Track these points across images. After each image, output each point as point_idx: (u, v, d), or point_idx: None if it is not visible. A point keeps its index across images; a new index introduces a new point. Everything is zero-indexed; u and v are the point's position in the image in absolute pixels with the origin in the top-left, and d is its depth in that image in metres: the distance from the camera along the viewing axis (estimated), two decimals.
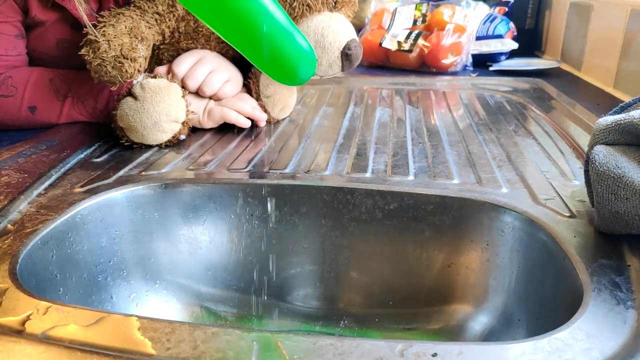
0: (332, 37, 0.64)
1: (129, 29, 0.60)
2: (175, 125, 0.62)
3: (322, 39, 0.64)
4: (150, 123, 0.59)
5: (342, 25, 0.65)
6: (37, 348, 0.30)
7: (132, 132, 0.60)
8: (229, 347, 0.30)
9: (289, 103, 0.73)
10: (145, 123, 0.59)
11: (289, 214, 0.53)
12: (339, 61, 0.65)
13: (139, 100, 0.59)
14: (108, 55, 0.57)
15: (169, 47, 0.68)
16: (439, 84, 0.98)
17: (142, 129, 0.59)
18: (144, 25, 0.62)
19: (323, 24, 0.64)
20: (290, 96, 0.73)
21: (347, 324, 0.54)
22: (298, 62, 0.59)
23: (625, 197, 0.37)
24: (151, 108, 0.59)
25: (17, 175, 0.53)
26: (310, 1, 0.64)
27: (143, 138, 0.60)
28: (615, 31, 0.84)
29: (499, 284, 0.48)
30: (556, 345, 0.30)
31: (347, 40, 0.64)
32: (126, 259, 0.52)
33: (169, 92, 0.60)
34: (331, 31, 0.64)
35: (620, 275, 0.36)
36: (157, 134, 0.60)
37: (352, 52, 0.65)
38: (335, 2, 0.66)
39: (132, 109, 0.59)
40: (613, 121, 0.41)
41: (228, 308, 0.55)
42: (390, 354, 0.29)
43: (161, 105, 0.59)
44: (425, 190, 0.50)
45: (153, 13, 0.63)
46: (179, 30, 0.66)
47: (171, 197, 0.53)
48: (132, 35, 0.60)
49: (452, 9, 1.10)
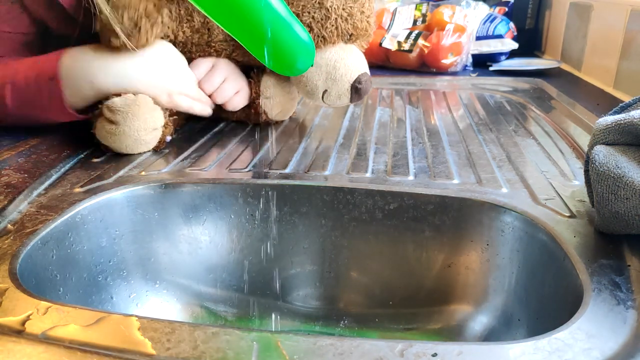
0: (343, 70, 0.63)
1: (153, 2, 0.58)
2: (156, 132, 0.61)
3: (334, 71, 0.63)
4: (131, 141, 0.59)
5: (354, 58, 0.65)
6: (37, 348, 0.30)
7: (116, 150, 0.60)
8: (229, 347, 0.30)
9: (288, 107, 0.73)
10: (125, 143, 0.59)
11: (289, 214, 0.53)
12: (348, 93, 0.64)
13: (114, 123, 0.58)
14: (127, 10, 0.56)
15: None
16: (439, 84, 0.98)
17: (124, 147, 0.59)
18: (167, 12, 0.61)
19: (336, 56, 0.64)
20: (290, 100, 0.72)
21: (347, 324, 0.54)
22: (297, 53, 0.59)
23: (625, 197, 0.37)
24: (127, 129, 0.58)
25: (17, 175, 0.53)
26: (325, 33, 0.63)
27: (128, 151, 0.60)
28: (615, 31, 0.84)
29: (499, 284, 0.48)
30: (556, 345, 0.30)
31: (358, 74, 0.64)
32: (126, 259, 0.52)
33: (140, 106, 0.59)
34: (343, 64, 0.63)
35: (620, 275, 0.36)
36: (141, 147, 0.60)
37: (362, 87, 0.64)
38: (350, 35, 0.65)
39: (109, 133, 0.58)
40: (613, 121, 0.41)
41: (228, 308, 0.55)
42: (390, 354, 0.29)
43: (136, 123, 0.58)
44: (425, 190, 0.50)
45: (176, 9, 0.62)
46: (193, 42, 0.66)
47: (171, 197, 0.53)
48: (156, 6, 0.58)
49: (452, 9, 1.10)
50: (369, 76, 0.66)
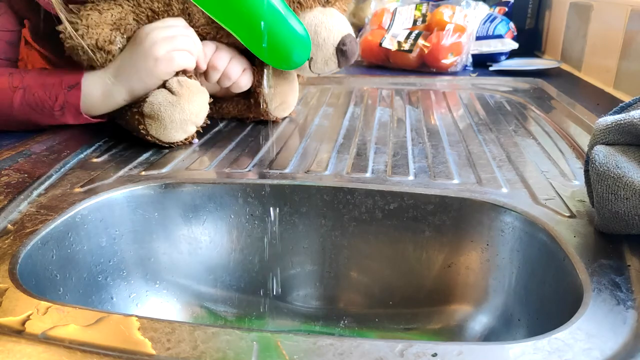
0: (325, 34, 0.62)
1: (115, 18, 0.59)
2: (193, 128, 0.62)
3: (316, 36, 0.62)
4: (180, 119, 0.59)
5: (335, 20, 0.63)
6: (37, 348, 0.30)
7: (155, 123, 0.59)
8: (229, 347, 0.30)
9: (289, 100, 0.72)
10: (174, 117, 0.59)
11: (289, 214, 0.53)
12: (334, 57, 0.63)
13: (176, 95, 0.59)
14: (83, 42, 0.57)
15: None
16: (439, 84, 0.98)
17: (169, 122, 0.59)
18: (132, 18, 0.61)
19: (316, 20, 0.62)
20: (292, 94, 0.72)
21: (347, 324, 0.54)
22: (292, 46, 0.58)
23: (625, 197, 0.37)
24: (186, 105, 0.59)
25: (17, 175, 0.53)
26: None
27: (164, 131, 0.60)
28: (615, 31, 0.84)
29: (499, 284, 0.48)
30: (556, 345, 0.30)
31: (341, 36, 0.62)
32: (126, 259, 0.52)
33: (201, 95, 0.61)
34: (324, 27, 0.62)
35: (620, 275, 0.36)
36: (179, 133, 0.60)
37: (348, 48, 0.63)
38: None
39: (167, 100, 0.58)
40: (613, 121, 0.41)
41: (228, 308, 0.55)
42: (390, 354, 0.29)
43: (194, 106, 0.60)
44: (425, 190, 0.50)
45: (147, 8, 0.61)
46: None
47: (171, 197, 0.53)
48: (115, 26, 0.59)
49: (452, 9, 1.10)
50: (354, 37, 0.65)
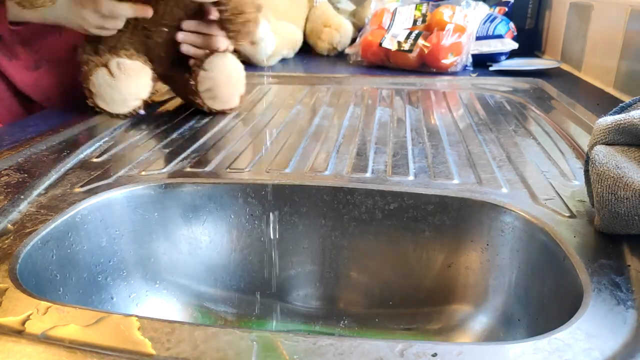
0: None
1: None
2: (137, 102, 0.69)
3: None
4: (119, 99, 0.68)
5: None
6: (37, 348, 0.30)
7: (99, 100, 0.68)
8: (229, 347, 0.30)
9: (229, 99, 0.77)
10: (114, 98, 0.68)
11: (289, 214, 0.53)
12: None
13: (114, 77, 0.65)
14: None
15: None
16: (439, 84, 0.98)
17: (110, 101, 0.68)
18: None
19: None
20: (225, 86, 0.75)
21: (347, 324, 0.54)
22: None
23: (625, 197, 0.37)
24: (123, 88, 0.67)
25: (17, 175, 0.53)
26: None
27: (107, 107, 0.69)
28: (615, 31, 0.84)
29: (499, 284, 0.48)
30: (556, 345, 0.30)
31: None
32: (126, 259, 0.52)
33: (142, 74, 0.67)
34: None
35: (620, 275, 0.36)
36: (121, 108, 0.69)
37: None
38: None
39: (106, 82, 0.66)
40: (613, 121, 0.41)
41: (228, 308, 0.55)
42: (390, 354, 0.29)
43: (131, 87, 0.67)
44: (425, 190, 0.50)
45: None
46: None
47: (171, 197, 0.53)
48: None
49: (452, 9, 1.10)
50: None
